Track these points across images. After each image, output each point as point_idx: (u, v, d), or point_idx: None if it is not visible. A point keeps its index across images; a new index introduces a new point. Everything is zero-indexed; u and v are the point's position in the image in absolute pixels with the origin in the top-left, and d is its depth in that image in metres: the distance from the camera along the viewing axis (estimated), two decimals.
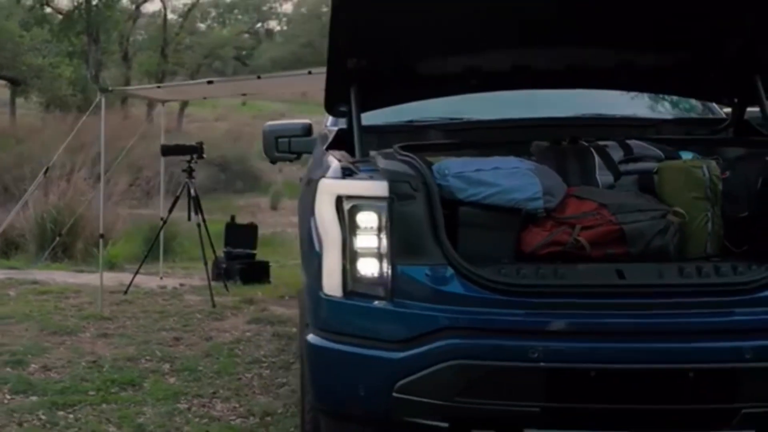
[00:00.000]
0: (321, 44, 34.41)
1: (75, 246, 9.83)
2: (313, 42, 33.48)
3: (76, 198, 10.06)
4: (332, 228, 3.07)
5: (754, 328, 2.87)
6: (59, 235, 9.44)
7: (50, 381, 4.88)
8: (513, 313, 2.90)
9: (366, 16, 3.48)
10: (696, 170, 3.26)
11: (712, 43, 3.73)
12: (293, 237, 14.27)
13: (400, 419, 2.96)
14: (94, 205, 9.80)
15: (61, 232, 9.45)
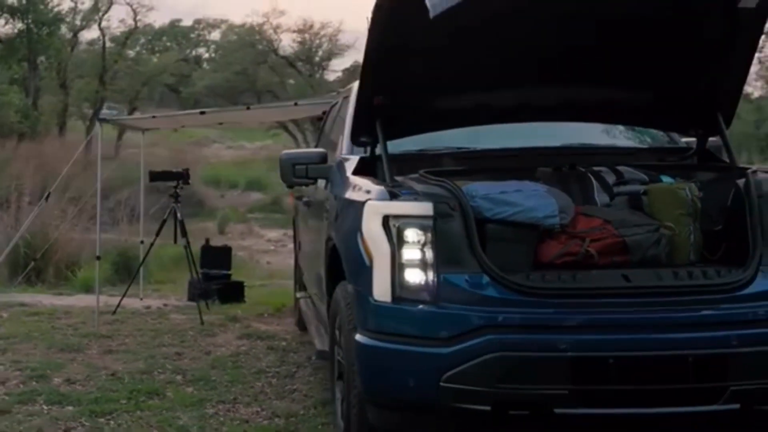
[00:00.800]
0: (254, 72, 34.75)
1: (47, 270, 9.99)
2: (246, 70, 33.79)
3: (47, 223, 10.21)
4: (381, 243, 3.54)
5: (737, 320, 3.44)
6: (34, 259, 9.59)
7: (79, 392, 5.18)
8: (542, 311, 3.41)
9: (392, 60, 3.98)
10: (681, 191, 3.86)
11: (681, 84, 4.33)
12: (248, 259, 14.66)
13: (447, 405, 3.43)
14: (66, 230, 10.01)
15: (36, 257, 9.61)
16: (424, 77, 4.14)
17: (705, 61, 4.23)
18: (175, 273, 11.44)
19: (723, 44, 4.13)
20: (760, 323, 3.46)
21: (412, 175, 3.99)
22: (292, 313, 8.07)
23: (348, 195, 4.10)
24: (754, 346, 3.40)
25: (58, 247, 10.06)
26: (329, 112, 6.77)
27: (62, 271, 10.02)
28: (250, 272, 12.09)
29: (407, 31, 3.88)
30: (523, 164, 4.33)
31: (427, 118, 4.37)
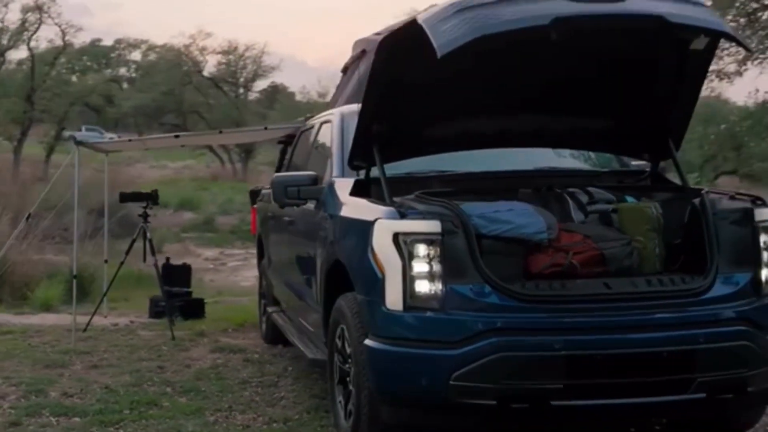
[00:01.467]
0: (181, 92, 34.62)
1: (4, 289, 9.97)
2: (173, 90, 33.63)
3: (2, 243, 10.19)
4: (393, 257, 3.91)
5: (701, 321, 3.93)
6: None
7: (81, 404, 5.35)
8: (537, 316, 3.84)
9: (390, 92, 4.39)
10: (648, 209, 4.35)
11: (639, 114, 4.84)
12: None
13: (456, 402, 3.81)
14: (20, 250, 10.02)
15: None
16: (416, 107, 4.55)
17: (659, 93, 4.74)
18: (128, 291, 11.54)
19: (675, 79, 4.66)
20: (720, 323, 3.97)
21: (408, 196, 4.37)
22: (256, 328, 8.33)
23: (352, 214, 4.46)
24: (717, 342, 3.90)
25: (14, 268, 10.05)
26: (299, 136, 7.10)
27: (19, 290, 10.02)
28: (197, 291, 12.23)
29: (406, 65, 4.29)
30: (503, 186, 4.76)
31: (418, 144, 4.77)
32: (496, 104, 4.69)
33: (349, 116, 5.62)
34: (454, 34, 3.80)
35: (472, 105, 4.66)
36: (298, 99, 43.79)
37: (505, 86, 4.57)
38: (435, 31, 3.86)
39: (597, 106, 4.81)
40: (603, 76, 4.59)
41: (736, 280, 4.07)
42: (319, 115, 6.89)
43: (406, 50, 4.24)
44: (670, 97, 4.76)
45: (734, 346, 3.93)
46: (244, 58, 36.16)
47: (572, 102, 4.74)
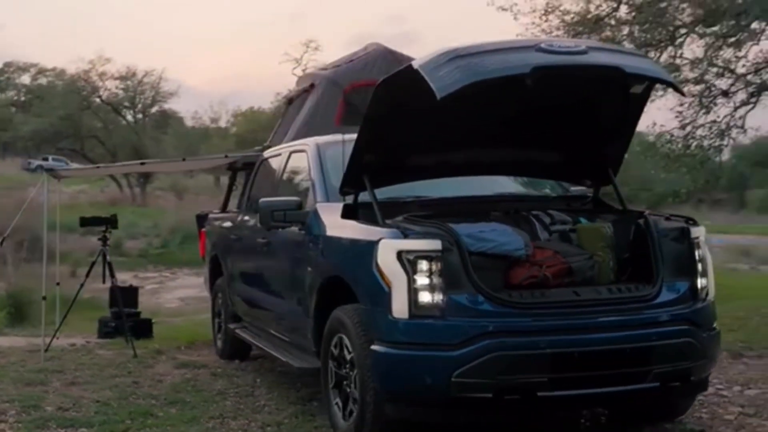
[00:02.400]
0: (80, 117, 33.93)
1: None
2: (72, 115, 32.94)
3: None
4: (398, 272, 4.41)
5: (653, 321, 4.61)
6: None
7: (81, 417, 5.56)
8: (523, 320, 4.41)
9: (381, 128, 4.91)
10: (603, 229, 5.02)
11: (585, 147, 5.52)
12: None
13: (457, 396, 4.33)
14: None
15: None
16: (401, 140, 5.09)
17: (602, 129, 5.43)
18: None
19: (616, 117, 5.36)
20: (668, 323, 4.65)
21: (397, 218, 4.88)
22: (207, 345, 8.60)
23: (352, 235, 4.92)
24: (666, 340, 4.58)
25: None
26: (260, 165, 7.47)
27: None
28: None
29: (397, 105, 4.82)
30: (473, 209, 5.34)
31: (401, 173, 5.30)
32: (467, 138, 5.26)
33: (325, 146, 6.11)
34: (450, 79, 4.36)
35: (447, 138, 5.22)
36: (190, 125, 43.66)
37: (474, 122, 5.15)
38: (432, 77, 4.40)
39: (550, 140, 5.45)
40: (556, 114, 5.23)
41: (678, 288, 4.77)
42: (282, 145, 7.32)
43: (399, 92, 4.77)
44: (611, 132, 5.45)
45: (680, 342, 4.62)
46: (143, 83, 35.80)
47: (530, 136, 5.37)
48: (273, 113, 37.18)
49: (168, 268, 21.34)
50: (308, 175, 6.00)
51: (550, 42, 4.62)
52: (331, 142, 6.18)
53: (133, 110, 36.00)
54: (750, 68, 9.27)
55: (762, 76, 8.93)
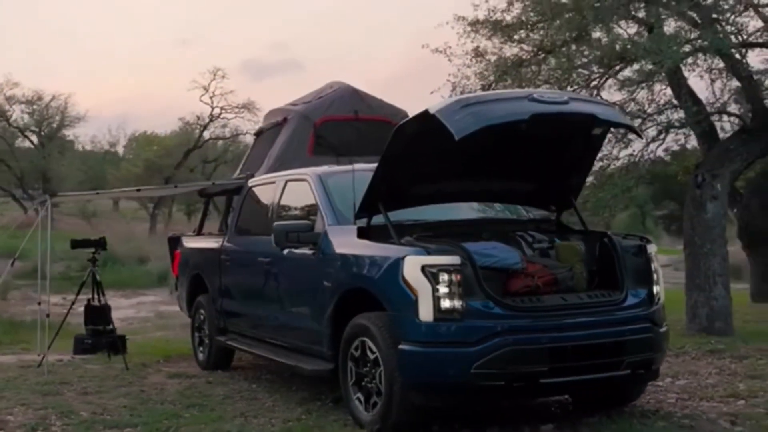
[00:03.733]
0: None
1: None
2: None
3: None
4: (423, 283, 5.17)
5: (624, 320, 5.53)
6: None
7: (121, 420, 5.99)
8: (526, 321, 5.25)
9: (393, 166, 5.68)
10: (578, 246, 5.92)
11: (553, 178, 6.43)
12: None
13: (476, 384, 5.10)
14: None
15: None
16: (409, 173, 5.86)
17: (567, 163, 6.37)
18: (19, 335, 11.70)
19: (579, 154, 6.31)
20: (635, 321, 5.58)
21: (408, 238, 5.64)
22: (183, 358, 9.03)
23: (375, 252, 5.62)
24: (635, 335, 5.51)
25: None
26: (247, 192, 8.05)
27: None
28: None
29: (411, 144, 5.60)
30: (465, 230, 6.15)
31: (407, 200, 6.06)
32: (460, 170, 6.09)
33: (326, 176, 6.82)
34: (465, 123, 5.18)
35: (444, 171, 6.03)
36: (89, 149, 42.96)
37: (466, 158, 5.99)
38: (449, 121, 5.21)
39: (525, 172, 6.34)
40: (531, 151, 6.12)
41: (639, 294, 5.72)
42: (272, 174, 7.91)
43: (414, 134, 5.55)
44: (573, 165, 6.41)
45: (644, 337, 5.56)
46: (50, 108, 35.11)
47: (509, 169, 6.25)
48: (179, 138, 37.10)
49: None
50: (314, 202, 6.64)
51: (539, 93, 5.55)
52: (330, 173, 6.90)
53: (38, 134, 35.21)
54: (655, 109, 10.50)
55: (669, 115, 10.19)
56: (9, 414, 6.21)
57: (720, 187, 9.91)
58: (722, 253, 9.90)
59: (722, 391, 6.61)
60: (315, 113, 8.98)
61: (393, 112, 9.29)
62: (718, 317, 9.57)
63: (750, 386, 6.68)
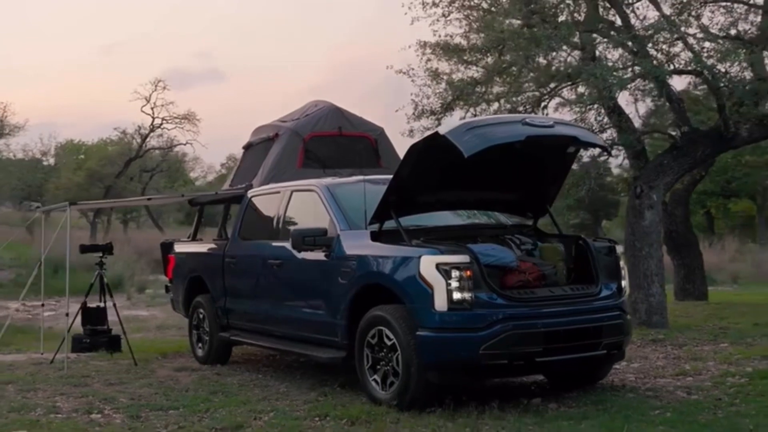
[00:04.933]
0: None
1: None
2: None
3: None
4: (438, 278, 5.98)
5: (600, 308, 6.48)
6: None
7: (164, 403, 6.58)
8: (524, 309, 6.13)
9: (404, 179, 6.48)
10: (559, 247, 6.84)
11: (533, 190, 7.33)
12: (29, 326, 14.94)
13: (484, 364, 5.94)
14: None
15: None
16: (416, 184, 6.67)
17: (544, 177, 7.29)
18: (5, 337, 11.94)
19: (554, 168, 7.24)
20: (609, 310, 6.54)
21: (416, 240, 6.44)
22: (179, 355, 9.57)
23: (389, 253, 6.40)
24: (609, 321, 6.47)
25: None
26: (248, 202, 8.70)
27: None
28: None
29: (421, 161, 6.42)
30: (461, 234, 6.99)
31: (413, 208, 6.87)
32: (457, 182, 6.93)
33: (333, 187, 7.56)
34: (473, 143, 6.04)
35: (444, 182, 6.87)
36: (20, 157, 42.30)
37: (462, 172, 6.83)
38: (459, 141, 6.06)
39: (509, 184, 7.22)
40: (516, 165, 7.01)
41: (610, 287, 6.68)
42: (275, 185, 8.57)
43: (425, 152, 6.37)
44: (550, 178, 7.33)
45: (617, 323, 6.52)
46: None
47: (497, 181, 7.12)
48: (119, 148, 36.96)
49: (51, 297, 21.18)
50: (323, 210, 7.36)
51: (530, 118, 6.47)
52: (336, 184, 7.65)
53: None
54: (599, 128, 11.60)
55: (612, 134, 11.31)
56: (55, 402, 6.73)
57: (656, 198, 11.07)
58: (658, 255, 11.06)
59: (671, 370, 7.64)
60: (304, 129, 9.67)
61: (371, 128, 10.09)
62: (656, 312, 10.69)
63: (694, 366, 7.72)
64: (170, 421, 6.07)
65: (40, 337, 10.07)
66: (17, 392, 7.18)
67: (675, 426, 5.54)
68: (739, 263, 25.87)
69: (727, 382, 6.92)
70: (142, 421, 6.07)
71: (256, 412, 6.30)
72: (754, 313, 12.08)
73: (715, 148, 11.68)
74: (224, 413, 6.27)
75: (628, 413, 5.89)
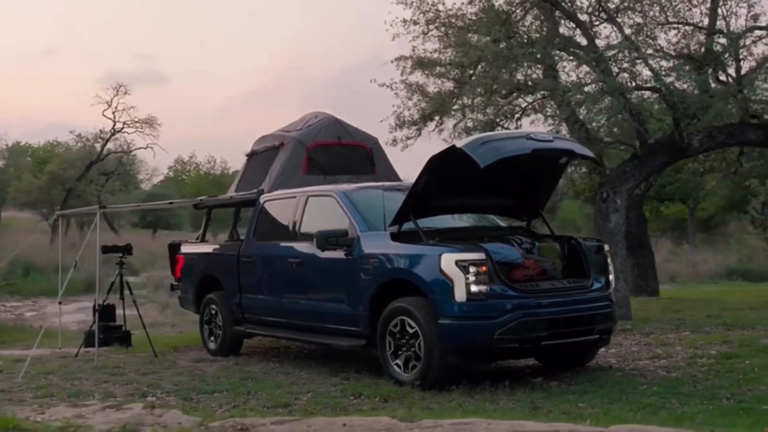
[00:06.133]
0: None
1: None
2: None
3: None
4: (457, 273, 6.74)
5: (594, 299, 7.34)
6: None
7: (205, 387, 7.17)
8: (531, 300, 6.94)
9: (422, 187, 7.24)
10: (555, 246, 7.68)
11: (525, 195, 8.15)
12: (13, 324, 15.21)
13: (498, 347, 6.73)
14: None
15: None
16: (431, 190, 7.42)
17: (537, 184, 8.12)
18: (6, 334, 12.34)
19: (547, 176, 8.08)
20: (600, 300, 7.41)
21: (431, 240, 7.19)
22: (189, 349, 10.12)
23: (411, 251, 7.14)
24: (601, 310, 7.34)
25: None
26: (262, 206, 9.32)
27: None
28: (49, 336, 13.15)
29: (438, 170, 7.18)
30: (470, 235, 7.77)
31: (428, 211, 7.61)
32: (464, 189, 7.71)
33: (350, 192, 8.26)
34: (487, 155, 6.83)
35: (454, 189, 7.64)
36: None
37: (470, 180, 7.61)
38: (475, 154, 6.84)
39: (509, 190, 8.03)
40: (515, 174, 7.82)
41: (600, 281, 7.55)
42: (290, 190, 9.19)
43: (442, 162, 7.13)
44: (542, 185, 8.17)
45: (606, 311, 7.39)
46: None
47: (498, 188, 7.92)
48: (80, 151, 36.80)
49: (26, 298, 21.36)
50: (342, 214, 8.03)
51: (534, 133, 7.29)
52: (352, 190, 8.35)
53: None
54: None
55: None
56: (106, 388, 7.26)
57: (619, 202, 12.05)
58: (622, 254, 12.06)
59: (646, 354, 8.54)
60: (307, 139, 10.31)
61: (366, 138, 10.78)
62: (621, 305, 11.58)
63: (665, 350, 8.65)
64: (222, 402, 6.68)
65: (58, 334, 10.49)
66: (64, 381, 7.67)
67: (664, 396, 6.40)
68: (673, 263, 27.41)
69: (697, 362, 7.85)
70: (196, 402, 6.66)
71: (294, 394, 6.96)
72: (703, 306, 13.18)
73: (671, 157, 12.76)
74: (265, 395, 6.89)
75: (622, 388, 6.75)
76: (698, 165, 18.73)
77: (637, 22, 12.58)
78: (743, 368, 7.36)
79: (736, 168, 17.68)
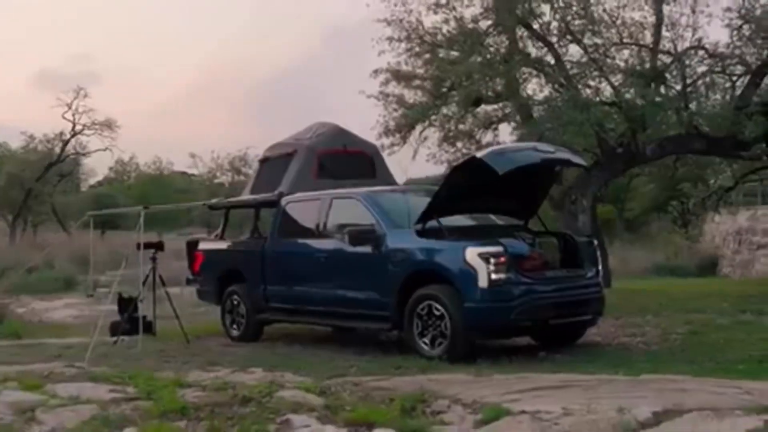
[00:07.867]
0: None
1: None
2: None
3: None
4: (480, 264, 7.79)
5: (589, 285, 8.52)
6: None
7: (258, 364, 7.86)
8: (541, 286, 8.04)
9: (445, 192, 8.27)
10: (553, 240, 8.80)
11: (524, 198, 9.25)
12: (24, 319, 15.57)
13: (514, 325, 7.81)
14: None
15: None
16: (452, 193, 8.44)
17: (534, 188, 9.24)
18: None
19: (543, 182, 9.21)
20: (593, 286, 8.60)
21: (452, 236, 8.22)
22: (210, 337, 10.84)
23: (438, 246, 8.15)
24: (595, 294, 8.51)
25: None
26: (285, 207, 10.17)
27: None
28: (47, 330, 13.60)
29: (460, 177, 8.22)
30: (481, 231, 8.82)
31: (450, 211, 8.62)
32: (478, 192, 8.76)
33: (374, 194, 9.22)
34: (504, 164, 7.90)
35: (472, 193, 8.68)
36: None
37: (481, 184, 8.66)
38: (493, 162, 7.90)
39: (512, 193, 9.10)
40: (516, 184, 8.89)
41: (592, 270, 8.73)
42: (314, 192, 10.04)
43: (462, 171, 8.18)
44: (539, 189, 9.30)
45: (598, 296, 8.58)
46: None
47: (504, 191, 8.98)
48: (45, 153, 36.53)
49: (11, 295, 21.44)
50: (366, 214, 8.97)
51: (539, 145, 8.41)
52: (375, 192, 9.32)
53: None
54: None
55: None
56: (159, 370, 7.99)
57: (586, 203, 13.34)
58: None
59: (623, 334, 9.73)
60: (318, 146, 11.22)
61: (368, 145, 11.79)
62: None
63: (639, 330, 9.84)
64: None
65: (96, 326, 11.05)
66: (124, 363, 8.35)
67: (655, 363, 7.56)
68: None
69: (670, 338, 9.09)
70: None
71: (339, 368, 7.86)
72: (653, 296, 14.46)
73: (627, 164, 14.14)
74: (322, 368, 7.75)
75: (618, 357, 7.91)
76: (638, 169, 20.31)
77: (596, 42, 13.90)
78: (711, 341, 8.63)
79: (673, 172, 19.32)
